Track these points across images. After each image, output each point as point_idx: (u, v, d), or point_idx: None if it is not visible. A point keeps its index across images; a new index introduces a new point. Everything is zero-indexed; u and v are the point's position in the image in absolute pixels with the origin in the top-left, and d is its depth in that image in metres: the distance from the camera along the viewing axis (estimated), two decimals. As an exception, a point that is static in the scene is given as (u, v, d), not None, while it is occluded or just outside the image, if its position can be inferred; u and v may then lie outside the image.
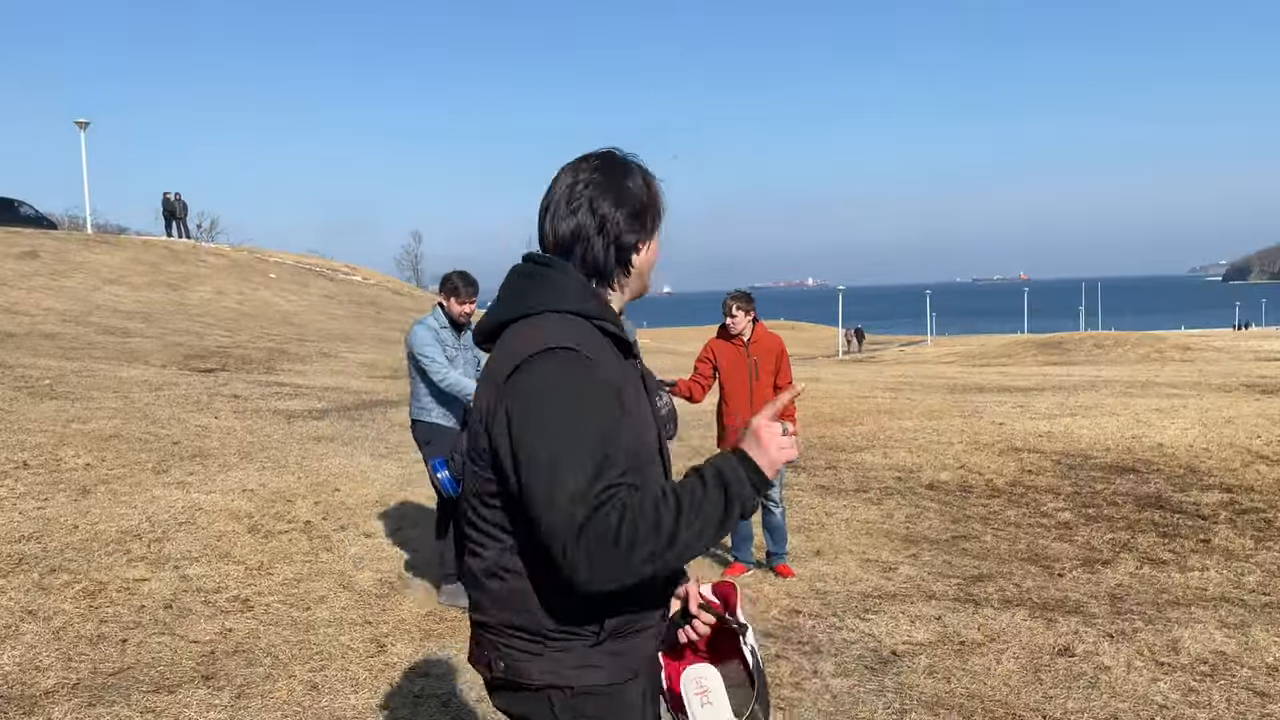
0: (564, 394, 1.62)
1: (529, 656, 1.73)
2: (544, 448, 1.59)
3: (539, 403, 1.62)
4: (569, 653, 1.72)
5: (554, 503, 1.55)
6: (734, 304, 5.85)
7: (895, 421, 12.32)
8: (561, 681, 1.72)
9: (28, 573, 5.15)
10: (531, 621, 1.72)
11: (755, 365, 5.87)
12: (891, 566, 6.23)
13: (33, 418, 9.14)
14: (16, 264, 23.86)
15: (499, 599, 1.74)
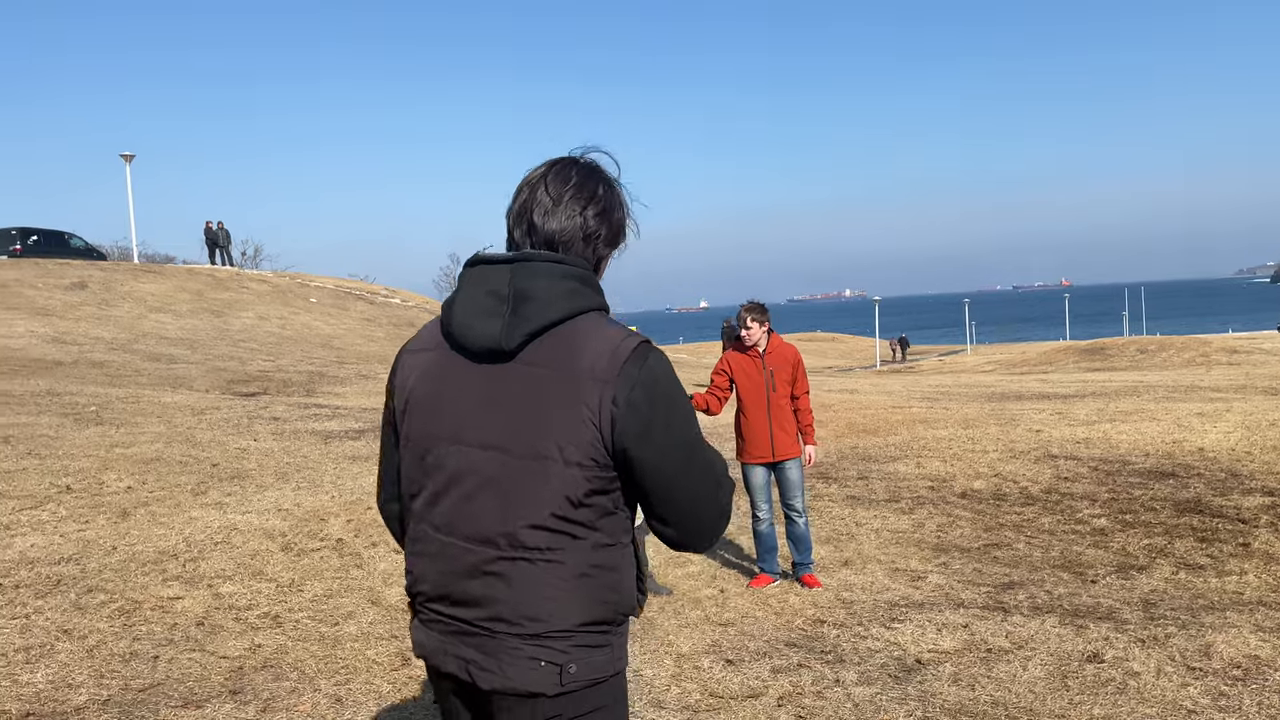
0: (674, 383, 1.78)
1: (598, 650, 1.75)
2: (689, 433, 1.77)
3: (671, 392, 1.75)
4: (623, 634, 1.82)
5: (706, 479, 1.78)
6: (748, 315, 5.87)
7: (930, 431, 12.21)
8: (622, 665, 1.81)
9: (65, 593, 5.29)
10: (612, 613, 1.77)
11: (772, 376, 5.88)
12: (920, 575, 6.18)
13: (78, 443, 9.38)
14: (66, 295, 24.47)
15: (588, 598, 1.73)
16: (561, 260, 1.76)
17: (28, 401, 11.65)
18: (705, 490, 1.78)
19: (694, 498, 1.77)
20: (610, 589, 1.75)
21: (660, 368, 1.74)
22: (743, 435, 5.96)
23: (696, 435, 1.77)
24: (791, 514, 5.97)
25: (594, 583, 1.73)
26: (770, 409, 5.85)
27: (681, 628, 5.21)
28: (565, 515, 1.70)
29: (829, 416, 13.91)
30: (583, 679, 1.72)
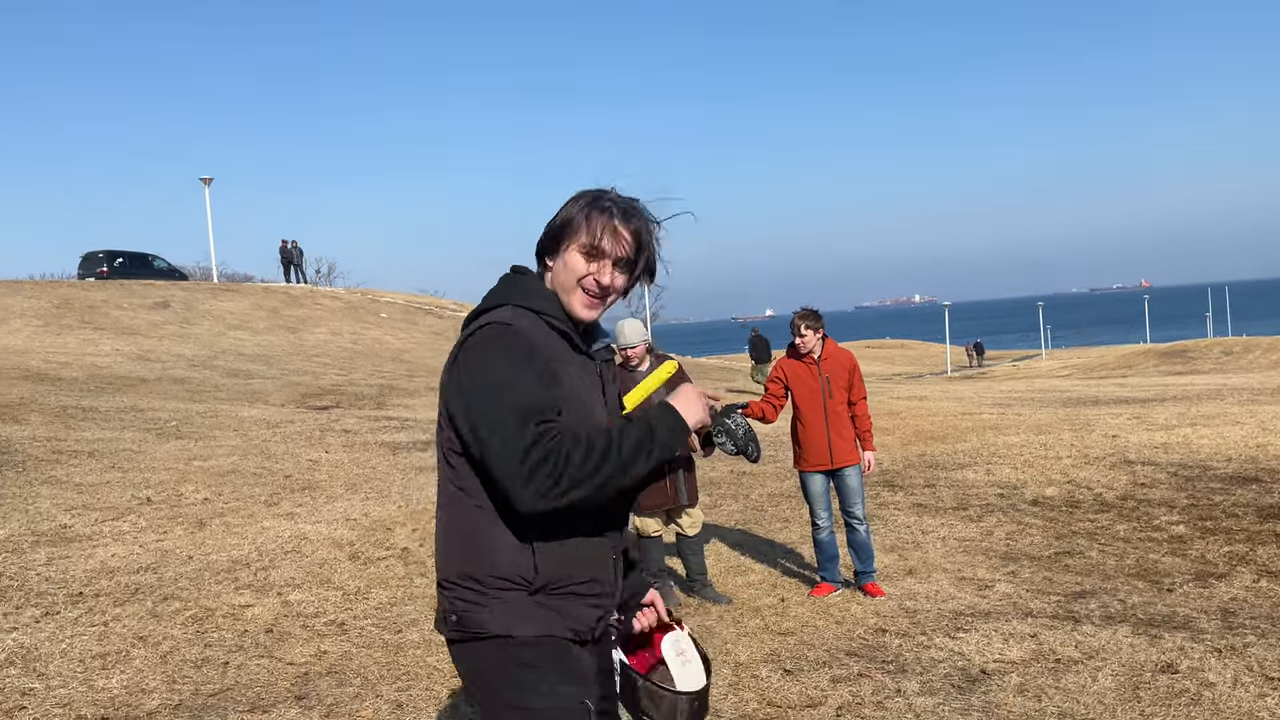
0: (499, 351, 1.91)
1: (475, 607, 1.95)
2: (489, 395, 1.87)
3: (480, 362, 1.91)
4: (507, 603, 1.94)
5: (508, 437, 1.83)
6: (801, 323, 5.83)
7: (1000, 437, 11.96)
8: (501, 630, 1.94)
9: (142, 601, 5.47)
10: (478, 570, 1.95)
11: (828, 382, 5.82)
12: (988, 584, 6.05)
13: (159, 457, 9.70)
14: (150, 314, 25.35)
15: (455, 552, 1.98)
16: (520, 270, 2.12)
17: (112, 417, 12.09)
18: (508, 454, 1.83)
19: (500, 464, 1.84)
20: (470, 546, 1.96)
21: (483, 336, 1.94)
22: (800, 443, 5.91)
23: (499, 403, 1.85)
24: (852, 522, 5.90)
25: (457, 538, 1.98)
26: (827, 415, 5.80)
27: (740, 636, 5.18)
28: (444, 470, 2.01)
29: (896, 424, 13.71)
30: (464, 630, 1.96)
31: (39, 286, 27.92)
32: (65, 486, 8.13)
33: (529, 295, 2.03)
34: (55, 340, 20.38)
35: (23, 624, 5.02)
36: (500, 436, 1.84)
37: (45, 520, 7.06)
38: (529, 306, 2.01)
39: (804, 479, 5.97)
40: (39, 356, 18.05)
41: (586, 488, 1.84)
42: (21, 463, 8.92)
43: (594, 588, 2.03)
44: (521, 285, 2.06)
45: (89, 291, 27.28)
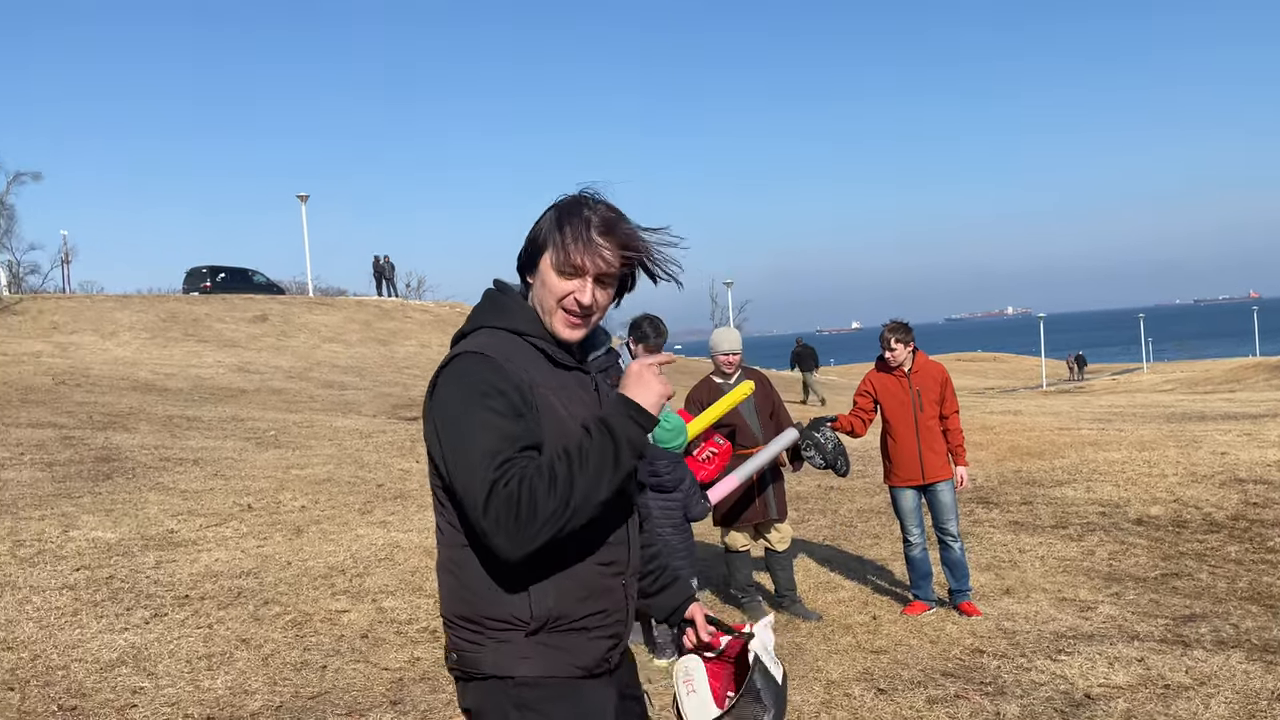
0: (466, 384, 1.79)
1: (475, 647, 1.86)
2: (455, 436, 1.77)
3: (447, 398, 1.81)
4: (508, 644, 1.84)
5: (469, 484, 1.73)
6: (891, 336, 5.72)
7: (1101, 454, 11.55)
8: (502, 671, 1.84)
9: (244, 605, 5.64)
10: (472, 611, 1.85)
11: (919, 396, 5.70)
12: (1090, 606, 5.84)
13: (259, 465, 10.02)
14: (249, 327, 26.27)
15: (450, 591, 1.89)
16: (502, 289, 1.99)
17: (215, 427, 12.54)
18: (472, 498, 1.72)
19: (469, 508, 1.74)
20: (460, 587, 1.86)
21: (450, 372, 1.82)
22: (890, 457, 5.80)
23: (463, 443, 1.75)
24: (946, 539, 5.75)
25: (448, 577, 1.88)
26: (919, 430, 5.67)
27: (831, 654, 5.09)
28: (437, 508, 1.90)
29: (990, 439, 13.36)
30: (464, 670, 1.88)
31: (147, 301, 29.17)
32: (172, 493, 8.45)
33: (507, 315, 1.91)
34: (162, 352, 21.27)
35: (133, 624, 5.22)
36: (464, 481, 1.73)
37: (154, 525, 7.35)
38: (508, 328, 1.89)
39: (895, 494, 5.85)
40: (147, 368, 18.86)
41: (559, 519, 1.71)
42: (132, 469, 9.31)
43: (600, 619, 1.89)
44: (499, 304, 1.94)
45: (193, 305, 28.41)
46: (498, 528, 1.70)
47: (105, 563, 6.30)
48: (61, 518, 7.31)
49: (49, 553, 6.43)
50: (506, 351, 1.83)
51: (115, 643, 4.95)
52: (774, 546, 5.85)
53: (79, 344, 20.94)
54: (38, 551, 6.44)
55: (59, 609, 5.39)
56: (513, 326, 1.89)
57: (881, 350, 5.80)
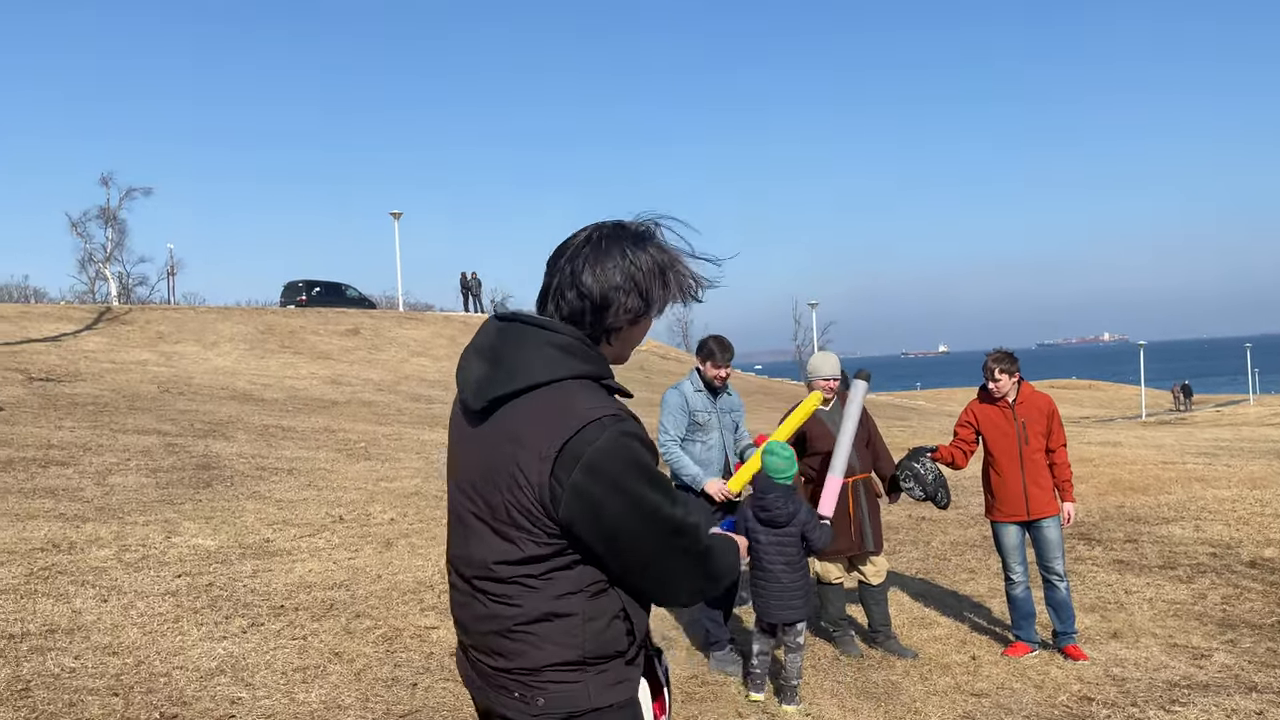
0: (638, 462, 1.80)
1: (569, 686, 1.86)
2: (647, 523, 1.80)
3: (621, 475, 1.77)
4: (606, 673, 1.88)
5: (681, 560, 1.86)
6: (996, 366, 5.52)
7: (1209, 490, 11.03)
8: (602, 702, 1.87)
9: (337, 617, 5.72)
10: (576, 654, 1.85)
11: (1024, 428, 5.49)
12: (1204, 653, 5.54)
13: (349, 477, 10.22)
14: (342, 340, 26.95)
15: (544, 640, 1.85)
16: (546, 326, 1.86)
17: (309, 437, 12.85)
18: (674, 569, 1.87)
19: (662, 578, 1.87)
20: (569, 633, 1.85)
21: (612, 448, 1.76)
22: (993, 491, 5.60)
23: (654, 520, 1.81)
24: (1051, 578, 5.52)
25: (551, 627, 1.84)
26: (1023, 463, 5.47)
27: (930, 695, 4.92)
28: (511, 568, 1.84)
29: (1089, 471, 12.89)
30: (555, 711, 1.85)
31: (247, 313, 30.17)
32: (268, 502, 8.66)
33: (603, 366, 1.90)
34: (259, 363, 21.94)
35: (231, 634, 5.33)
36: (676, 555, 1.86)
37: (250, 534, 7.53)
38: (604, 381, 1.89)
39: (997, 530, 5.65)
40: (245, 378, 19.46)
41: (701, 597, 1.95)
42: (230, 478, 9.57)
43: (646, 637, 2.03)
44: (591, 356, 1.88)
45: (289, 318, 29.27)
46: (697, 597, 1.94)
47: (205, 570, 6.46)
48: (165, 524, 7.53)
49: (153, 559, 6.63)
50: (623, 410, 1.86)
51: (215, 651, 5.05)
52: (868, 580, 5.69)
53: (182, 354, 21.74)
54: (142, 557, 6.64)
55: (162, 615, 5.53)
56: (608, 382, 1.90)
57: (985, 380, 5.62)
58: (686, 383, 5.54)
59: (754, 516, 4.75)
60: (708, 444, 5.43)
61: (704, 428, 5.43)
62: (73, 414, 12.67)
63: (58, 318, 24.77)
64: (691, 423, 5.42)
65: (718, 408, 5.52)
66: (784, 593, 4.73)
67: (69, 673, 4.63)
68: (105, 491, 8.48)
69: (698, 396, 5.47)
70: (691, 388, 5.49)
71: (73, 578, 6.06)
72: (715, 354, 5.43)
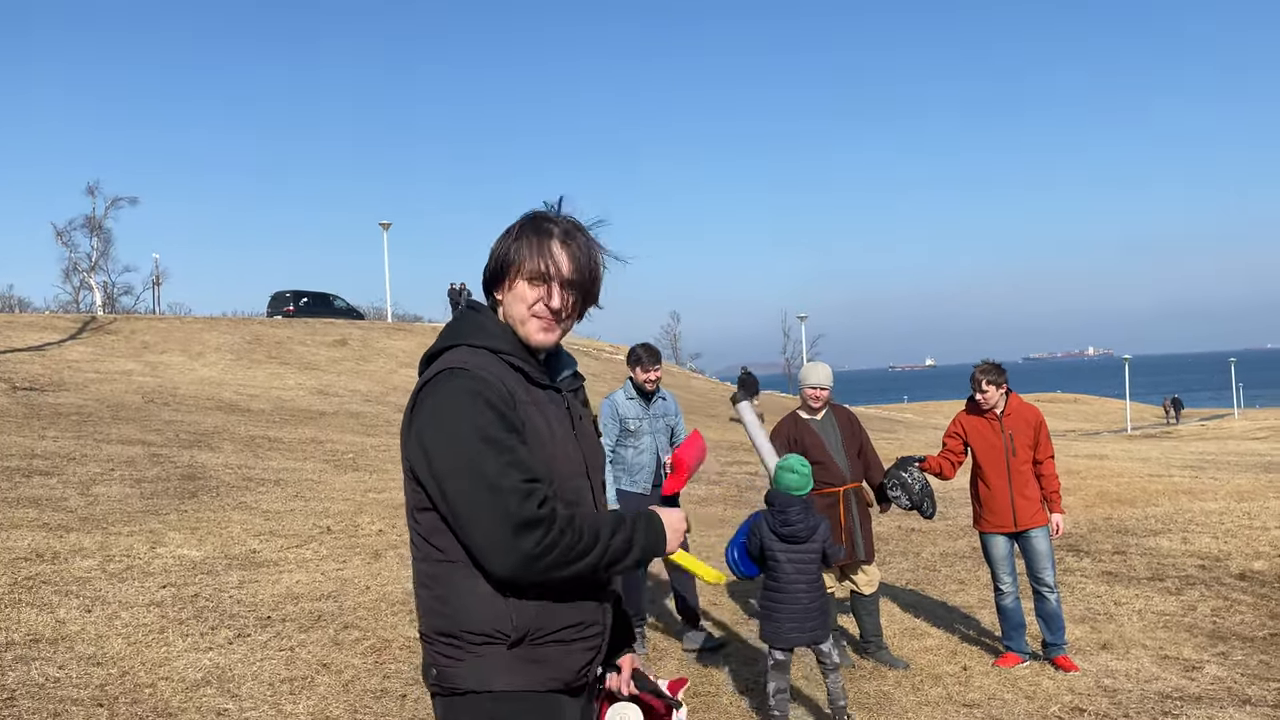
0: (462, 402, 1.83)
1: (453, 662, 1.88)
2: (458, 459, 1.81)
3: (443, 414, 1.84)
4: (487, 658, 1.86)
5: (491, 513, 1.78)
6: (984, 378, 5.53)
7: (1196, 503, 11.08)
8: (482, 686, 1.86)
9: (324, 629, 5.66)
10: (453, 626, 1.87)
11: (1011, 439, 5.51)
12: (1195, 665, 5.54)
13: (337, 488, 10.15)
14: (329, 351, 26.84)
15: (427, 607, 1.91)
16: (476, 308, 2.04)
17: (296, 448, 12.77)
18: (485, 529, 1.79)
19: (474, 536, 1.81)
20: (438, 602, 1.88)
21: (448, 394, 1.85)
22: (981, 502, 5.60)
23: (469, 471, 1.80)
24: (1041, 589, 5.52)
25: (426, 593, 1.90)
26: (1011, 474, 5.48)
27: (921, 705, 4.90)
28: (412, 525, 1.93)
29: (1076, 484, 12.94)
30: (443, 685, 1.89)
31: (234, 323, 30.02)
32: (254, 513, 8.59)
33: (483, 332, 1.96)
34: (246, 373, 21.81)
35: (218, 644, 5.27)
36: (479, 500, 1.79)
37: (237, 544, 7.46)
38: (485, 345, 1.94)
39: (985, 540, 5.65)
40: (231, 388, 19.34)
41: (563, 571, 1.82)
42: (216, 488, 9.50)
43: (582, 630, 1.94)
44: (475, 322, 1.99)
45: (277, 329, 29.14)
46: (512, 551, 1.78)
47: (191, 581, 6.39)
48: (149, 534, 7.46)
49: (137, 569, 6.56)
50: (488, 368, 1.89)
51: (200, 662, 4.99)
52: (860, 589, 5.68)
53: (168, 364, 21.60)
54: (126, 567, 6.57)
55: (146, 626, 5.47)
56: (490, 345, 1.94)
57: (973, 392, 5.63)
58: (619, 392, 5.85)
59: (772, 533, 4.43)
60: (639, 448, 5.75)
61: (635, 434, 5.74)
62: (56, 424, 12.56)
63: (42, 327, 24.59)
64: (623, 430, 5.72)
65: (650, 413, 5.81)
66: (805, 614, 4.40)
67: (53, 683, 4.57)
68: (89, 501, 8.40)
69: (629, 404, 5.78)
70: (624, 396, 5.81)
71: (56, 587, 5.99)
72: (643, 359, 5.77)
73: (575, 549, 1.81)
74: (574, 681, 1.93)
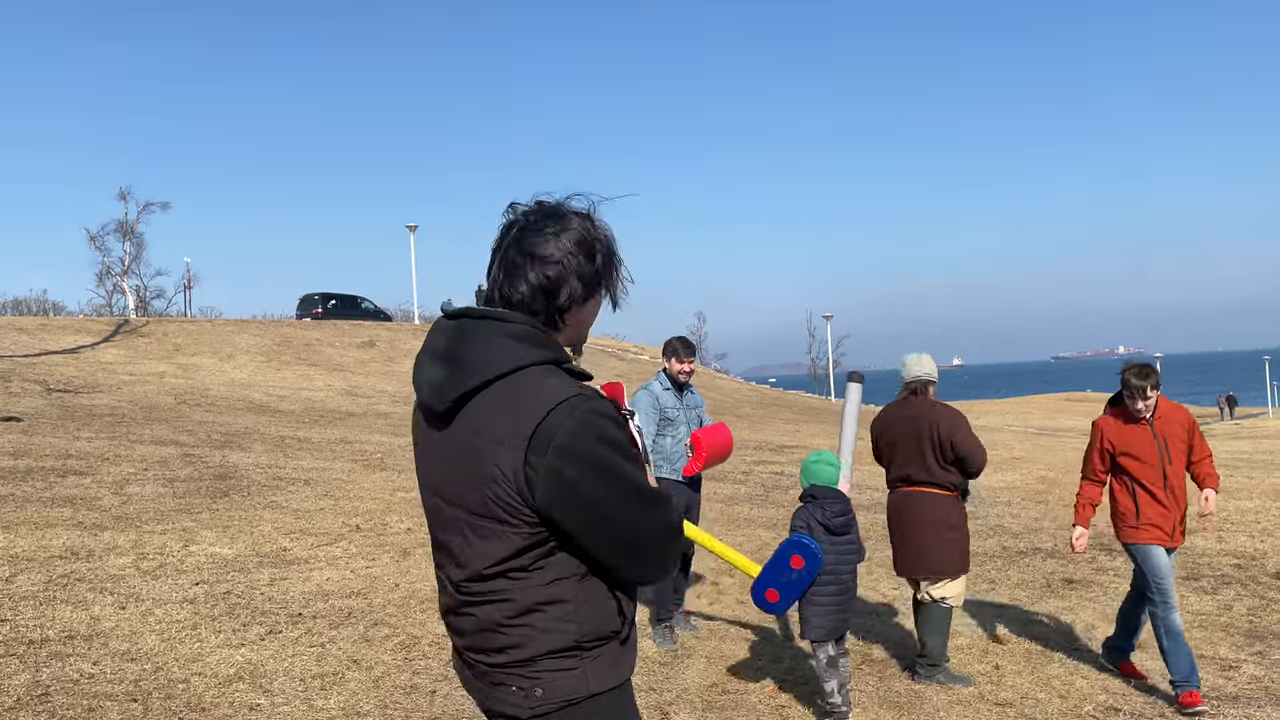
0: (609, 437, 1.80)
1: (566, 673, 1.85)
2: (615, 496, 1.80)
3: (594, 452, 1.78)
4: (601, 658, 1.88)
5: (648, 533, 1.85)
6: (1145, 382, 4.92)
7: (1231, 502, 10.91)
8: (600, 687, 1.87)
9: (354, 625, 5.70)
10: (569, 641, 1.85)
11: (1165, 445, 4.97)
12: (1232, 665, 5.46)
13: (366, 487, 10.21)
14: (358, 352, 27.03)
15: (538, 632, 1.85)
16: (498, 317, 1.86)
17: (325, 448, 12.87)
18: (652, 542, 1.86)
19: (641, 552, 1.86)
20: (563, 619, 1.85)
21: (581, 428, 1.76)
22: (1136, 513, 5.01)
23: (631, 494, 1.81)
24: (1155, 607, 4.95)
25: (544, 616, 1.84)
26: (1168, 484, 4.95)
27: (953, 704, 4.86)
28: (497, 566, 1.83)
29: (1108, 482, 12.78)
30: (553, 701, 1.85)
31: (263, 325, 30.31)
32: (285, 511, 8.66)
33: (558, 352, 1.89)
34: (275, 375, 22.02)
35: (250, 640, 5.32)
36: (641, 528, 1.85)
37: (268, 543, 7.52)
38: (561, 364, 1.88)
39: (1144, 552, 5.00)
40: (261, 390, 19.53)
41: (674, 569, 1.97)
42: (247, 488, 9.59)
43: None
44: (544, 341, 1.88)
45: (305, 331, 29.39)
46: (672, 565, 1.92)
47: (223, 578, 6.46)
48: (182, 533, 7.54)
49: (170, 566, 6.63)
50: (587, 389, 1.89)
51: (233, 658, 5.04)
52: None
53: (199, 365, 21.84)
54: (160, 565, 6.64)
55: (179, 622, 5.52)
56: (565, 364, 1.89)
57: (1131, 400, 5.01)
58: (655, 383, 5.94)
59: (821, 525, 4.50)
60: (676, 438, 5.85)
61: (673, 423, 5.84)
62: (90, 425, 12.73)
63: (76, 330, 24.94)
64: (662, 418, 5.82)
65: (684, 404, 5.93)
66: (845, 604, 4.56)
67: (88, 678, 4.62)
68: (123, 501, 8.50)
69: (666, 394, 5.89)
70: (660, 386, 5.91)
71: (91, 585, 6.06)
72: (679, 350, 5.93)
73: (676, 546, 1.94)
74: None
